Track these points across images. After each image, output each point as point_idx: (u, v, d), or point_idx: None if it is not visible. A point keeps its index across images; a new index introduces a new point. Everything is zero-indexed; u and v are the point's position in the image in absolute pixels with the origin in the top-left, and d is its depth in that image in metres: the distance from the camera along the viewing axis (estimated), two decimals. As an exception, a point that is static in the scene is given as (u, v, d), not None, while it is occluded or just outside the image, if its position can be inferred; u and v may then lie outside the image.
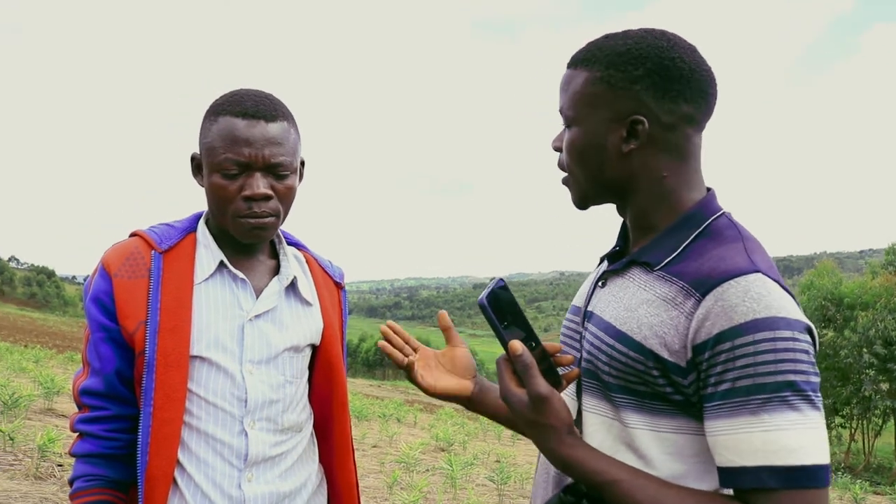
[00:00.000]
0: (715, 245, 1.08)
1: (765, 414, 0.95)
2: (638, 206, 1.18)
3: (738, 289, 0.99)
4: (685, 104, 1.11)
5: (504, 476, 8.42)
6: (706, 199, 1.16)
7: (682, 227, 1.13)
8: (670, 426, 1.07)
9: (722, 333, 0.98)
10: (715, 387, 0.99)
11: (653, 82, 1.10)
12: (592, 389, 1.17)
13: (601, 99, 1.13)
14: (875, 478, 25.91)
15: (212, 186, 1.40)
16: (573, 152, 1.18)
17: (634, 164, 1.14)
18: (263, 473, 1.45)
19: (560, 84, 1.21)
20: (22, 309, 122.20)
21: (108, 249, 1.45)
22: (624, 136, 1.12)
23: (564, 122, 1.20)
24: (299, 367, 1.54)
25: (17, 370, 15.12)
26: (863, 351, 29.27)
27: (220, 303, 1.44)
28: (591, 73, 1.13)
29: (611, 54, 1.12)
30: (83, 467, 1.40)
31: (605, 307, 1.18)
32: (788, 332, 0.96)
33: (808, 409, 0.95)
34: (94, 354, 1.41)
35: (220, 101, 1.43)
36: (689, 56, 1.11)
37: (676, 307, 1.04)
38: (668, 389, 1.05)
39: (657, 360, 1.04)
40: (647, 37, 1.12)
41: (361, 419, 17.00)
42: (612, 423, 1.13)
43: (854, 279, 35.85)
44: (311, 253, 1.68)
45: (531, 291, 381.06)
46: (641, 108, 1.11)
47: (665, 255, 1.12)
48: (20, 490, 5.11)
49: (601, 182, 1.18)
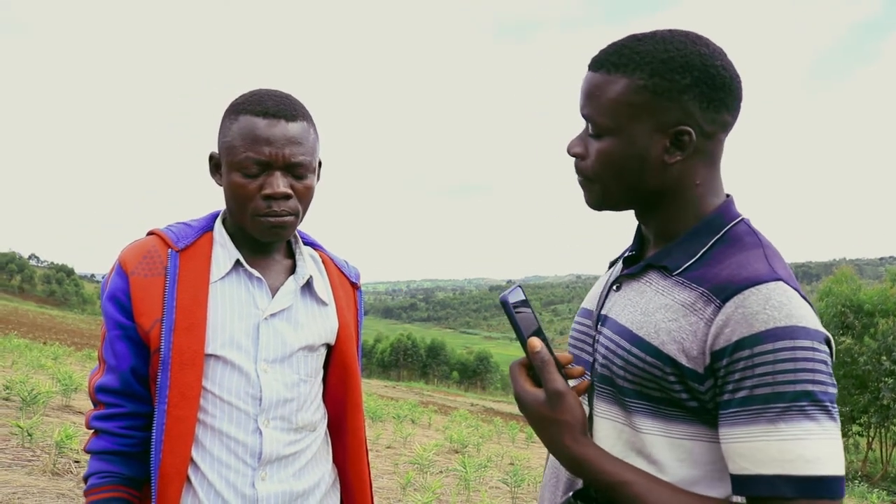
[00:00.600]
0: (735, 251, 1.08)
1: (782, 423, 0.94)
2: (665, 213, 1.16)
3: (760, 296, 0.98)
4: (726, 113, 1.10)
5: (518, 479, 8.40)
6: (725, 204, 1.15)
7: (701, 232, 1.12)
8: (684, 433, 1.07)
9: (742, 340, 0.97)
10: (732, 394, 0.98)
11: (700, 92, 1.06)
12: (605, 394, 1.16)
13: (645, 109, 1.07)
14: (893, 487, 25.62)
15: (231, 185, 1.40)
16: (608, 163, 1.12)
17: (673, 173, 1.11)
18: (277, 472, 1.45)
19: (586, 88, 1.14)
20: (41, 306, 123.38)
21: (126, 248, 1.46)
22: (667, 146, 1.09)
23: (595, 130, 1.13)
24: (314, 366, 1.54)
25: (36, 367, 15.26)
26: (882, 358, 28.98)
27: (235, 301, 1.45)
28: (631, 81, 1.07)
29: (654, 61, 1.06)
30: (98, 464, 1.41)
31: (620, 311, 1.17)
32: (808, 342, 0.96)
33: (826, 419, 0.94)
34: (110, 352, 1.42)
35: (241, 100, 1.43)
36: (727, 63, 1.09)
37: (696, 313, 1.04)
38: (684, 395, 1.04)
39: (675, 365, 1.03)
40: (686, 42, 1.08)
41: (376, 420, 17.03)
42: (623, 429, 1.13)
43: (874, 286, 35.47)
44: (327, 253, 1.68)
45: (547, 294, 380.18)
46: (687, 119, 1.07)
47: (684, 261, 1.11)
48: (38, 486, 5.16)
49: (637, 193, 1.14)
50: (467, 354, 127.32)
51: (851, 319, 31.32)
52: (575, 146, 1.18)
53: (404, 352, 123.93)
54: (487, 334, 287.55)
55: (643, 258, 1.23)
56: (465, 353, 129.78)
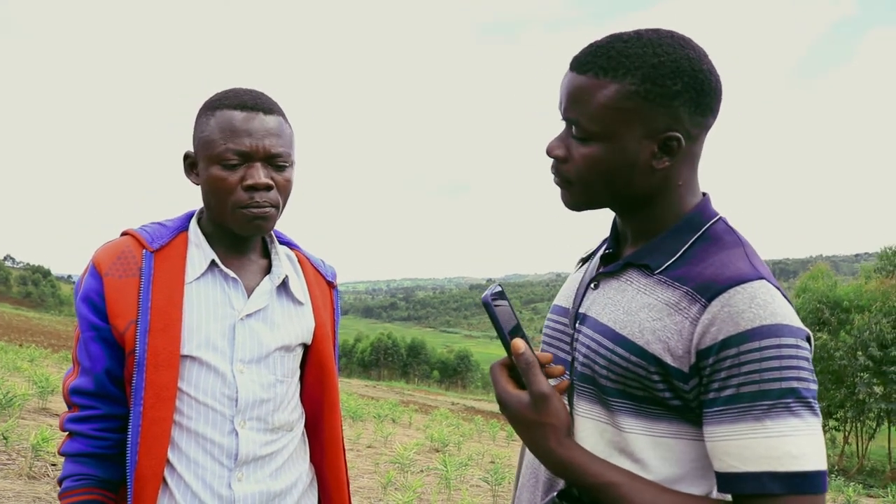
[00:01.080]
0: (716, 250, 1.09)
1: (768, 420, 0.95)
2: (646, 213, 1.15)
3: (745, 295, 0.99)
4: (711, 115, 1.10)
5: (498, 477, 8.42)
6: (703, 203, 1.16)
7: (681, 231, 1.13)
8: (667, 431, 1.07)
9: (728, 339, 0.98)
10: (718, 392, 0.99)
11: (689, 97, 1.06)
12: (587, 394, 1.16)
13: (636, 114, 1.06)
14: (869, 480, 25.96)
15: (211, 179, 1.40)
16: (596, 169, 1.10)
17: (659, 178, 1.11)
18: (254, 473, 1.44)
19: (571, 91, 1.10)
20: (17, 308, 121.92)
21: (99, 248, 1.45)
22: (655, 151, 1.08)
23: (581, 135, 1.10)
24: (290, 366, 1.54)
25: (12, 369, 15.09)
26: (858, 354, 29.32)
27: (211, 302, 1.44)
28: (622, 86, 1.05)
29: (644, 66, 1.04)
30: (73, 466, 1.40)
31: (601, 310, 1.16)
32: (792, 340, 0.97)
33: (810, 415, 0.96)
34: (85, 353, 1.40)
35: (216, 97, 1.44)
36: (712, 66, 1.09)
37: (680, 312, 1.04)
38: (668, 394, 1.05)
39: (660, 364, 1.04)
40: (674, 45, 1.06)
41: (356, 419, 16.99)
42: (605, 428, 1.12)
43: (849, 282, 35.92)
44: (302, 252, 1.68)
45: (527, 293, 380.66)
46: (676, 124, 1.07)
47: (665, 259, 1.12)
48: (13, 489, 5.10)
49: (622, 198, 1.13)
50: (448, 353, 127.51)
51: (827, 315, 31.69)
52: (556, 148, 1.15)
53: (385, 351, 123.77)
54: (468, 333, 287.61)
55: (621, 256, 1.23)
56: (445, 353, 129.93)
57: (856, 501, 12.08)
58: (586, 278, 1.27)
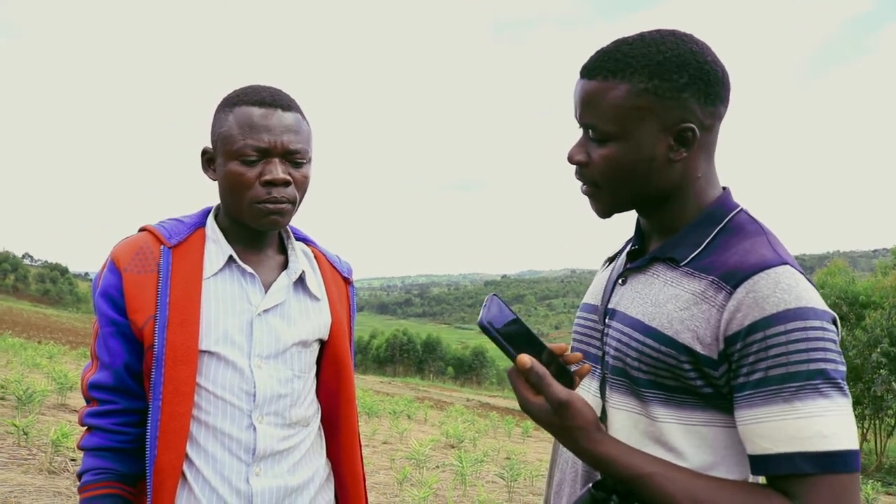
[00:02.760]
0: (739, 239, 1.11)
1: (797, 401, 0.97)
2: (669, 208, 1.18)
3: (769, 280, 1.01)
4: (721, 105, 1.13)
5: (514, 473, 8.43)
6: (723, 196, 1.19)
7: (703, 223, 1.16)
8: (699, 419, 1.09)
9: (754, 324, 1.00)
10: (747, 376, 1.01)
11: (697, 88, 1.09)
12: (619, 386, 1.18)
13: (649, 111, 1.09)
14: (887, 478, 25.73)
15: (229, 174, 1.41)
16: (616, 168, 1.13)
17: (678, 170, 1.14)
18: (271, 468, 1.45)
19: (583, 96, 1.14)
20: (35, 305, 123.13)
21: (118, 244, 1.46)
22: (671, 144, 1.11)
23: (599, 137, 1.13)
24: (307, 361, 1.54)
25: (31, 366, 15.24)
26: (873, 350, 29.08)
27: (228, 297, 1.45)
28: (632, 85, 1.09)
29: (650, 63, 1.08)
30: (92, 461, 1.41)
31: (629, 304, 1.19)
32: (818, 322, 0.99)
33: (838, 396, 0.98)
34: (104, 349, 1.42)
35: (235, 93, 1.44)
36: (715, 57, 1.13)
37: (707, 300, 1.06)
38: (699, 382, 1.07)
39: (690, 353, 1.06)
40: (676, 41, 1.10)
41: (372, 416, 17.04)
42: (639, 419, 1.14)
43: (867, 278, 35.60)
44: (319, 248, 1.69)
45: (542, 289, 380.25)
46: (689, 116, 1.10)
47: (690, 251, 1.14)
48: (34, 484, 5.16)
49: (645, 193, 1.16)
50: (463, 350, 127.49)
51: (845, 311, 31.43)
52: (576, 154, 1.18)
53: (400, 347, 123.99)
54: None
55: (646, 252, 1.25)
56: (460, 349, 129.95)
57: (874, 499, 11.98)
58: (614, 275, 1.30)
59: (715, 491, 1.00)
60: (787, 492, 0.98)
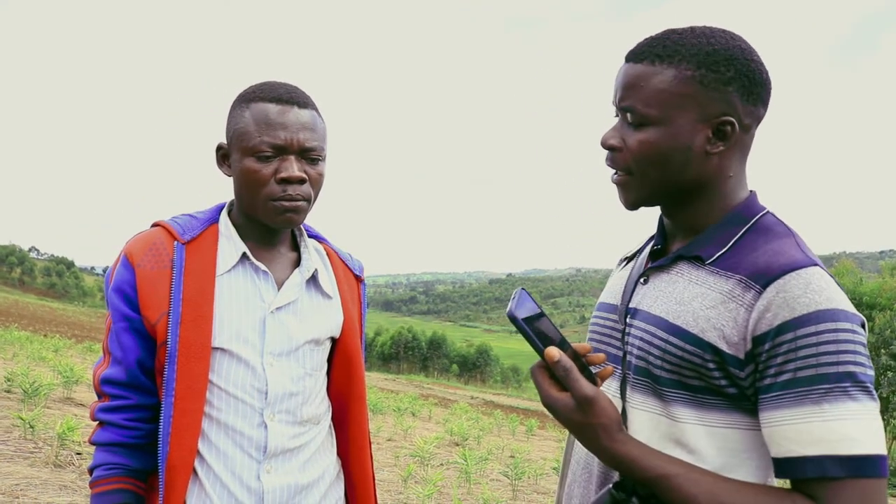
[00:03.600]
0: (767, 240, 1.10)
1: (827, 404, 0.96)
2: (696, 205, 1.17)
3: (800, 281, 1.00)
4: (762, 107, 1.13)
5: (518, 471, 8.43)
6: (751, 198, 1.18)
7: (730, 223, 1.15)
8: (722, 421, 1.08)
9: (784, 324, 0.99)
10: (774, 377, 1.00)
11: (741, 85, 1.09)
12: (641, 386, 1.17)
13: (692, 99, 1.09)
14: (892, 480, 25.69)
15: (244, 171, 1.41)
16: (652, 153, 1.12)
17: (712, 164, 1.13)
18: (282, 465, 1.45)
19: (627, 79, 1.14)
20: (41, 299, 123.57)
21: (131, 240, 1.46)
22: (710, 136, 1.11)
23: (637, 120, 1.12)
24: (319, 359, 1.54)
25: (37, 359, 15.29)
26: (880, 352, 29.00)
27: (241, 294, 1.45)
28: (679, 71, 1.09)
29: (699, 53, 1.08)
30: (103, 456, 1.41)
31: (653, 303, 1.18)
32: (848, 325, 0.98)
33: (867, 399, 0.97)
34: (116, 344, 1.42)
35: (251, 89, 1.44)
36: (761, 60, 1.13)
37: (734, 299, 1.05)
38: (724, 382, 1.06)
39: (715, 352, 1.05)
40: (726, 37, 1.11)
41: (376, 413, 17.05)
42: (660, 420, 1.13)
43: (874, 279, 35.49)
44: (331, 246, 1.69)
45: (547, 288, 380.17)
46: (730, 110, 1.10)
47: (716, 250, 1.13)
48: (40, 477, 5.17)
49: (677, 184, 1.14)
50: (467, 347, 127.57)
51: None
52: (611, 138, 1.17)
53: (405, 345, 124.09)
54: (487, 327, 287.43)
55: (669, 251, 1.24)
56: (465, 346, 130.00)
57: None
58: (634, 274, 1.28)
59: (738, 494, 0.99)
60: (812, 495, 0.96)
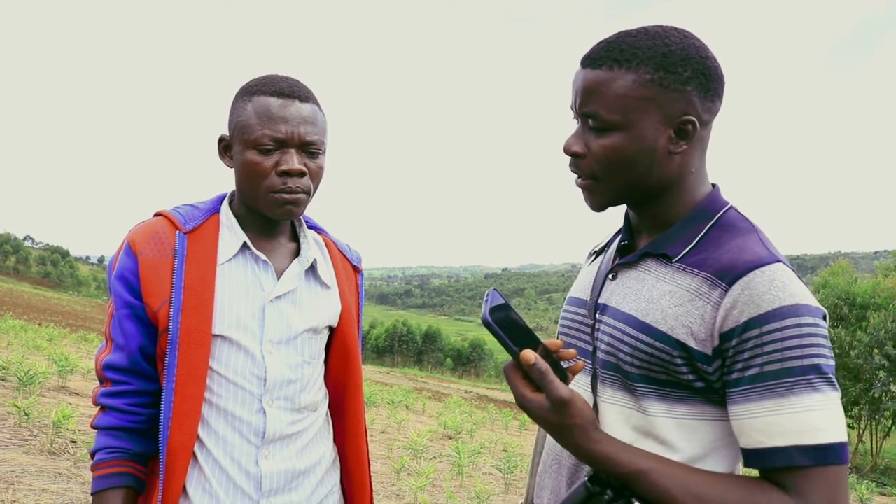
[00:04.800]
0: (731, 236, 1.13)
1: (793, 396, 0.99)
2: (661, 203, 1.19)
3: (764, 278, 1.03)
4: (718, 101, 1.15)
5: (511, 465, 8.46)
6: (713, 193, 1.20)
7: (695, 219, 1.17)
8: (690, 413, 1.11)
9: (750, 321, 1.02)
10: (742, 372, 1.03)
11: (699, 83, 1.11)
12: (611, 381, 1.19)
13: (653, 101, 1.10)
14: (882, 479, 25.78)
15: (246, 163, 1.43)
16: (617, 158, 1.13)
17: (676, 163, 1.15)
18: (280, 451, 1.48)
19: (586, 85, 1.14)
20: (36, 288, 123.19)
21: (134, 228, 1.48)
22: (672, 136, 1.12)
23: (600, 125, 1.13)
24: (317, 348, 1.57)
25: (32, 348, 15.26)
26: (874, 352, 29.07)
27: (242, 283, 1.48)
28: (638, 75, 1.10)
29: (656, 55, 1.10)
30: (105, 440, 1.44)
31: (621, 300, 1.19)
32: (811, 319, 1.02)
33: (830, 390, 1.00)
34: (119, 331, 1.44)
35: (253, 82, 1.47)
36: (714, 55, 1.15)
37: (701, 297, 1.08)
38: (691, 377, 1.09)
39: (683, 349, 1.08)
40: (679, 37, 1.12)
41: (370, 405, 17.08)
42: (631, 413, 1.16)
43: (868, 279, 35.57)
44: (330, 237, 1.71)
45: (542, 283, 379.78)
46: (690, 109, 1.12)
47: (682, 248, 1.15)
48: (35, 465, 5.19)
49: (643, 185, 1.16)
50: (462, 342, 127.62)
51: (846, 312, 31.42)
52: (573, 144, 1.17)
53: (399, 338, 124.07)
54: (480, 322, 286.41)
55: (636, 247, 1.26)
56: (459, 341, 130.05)
57: (869, 499, 12.03)
58: (603, 270, 1.30)
59: (711, 485, 1.02)
60: (781, 484, 1.00)
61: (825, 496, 0.97)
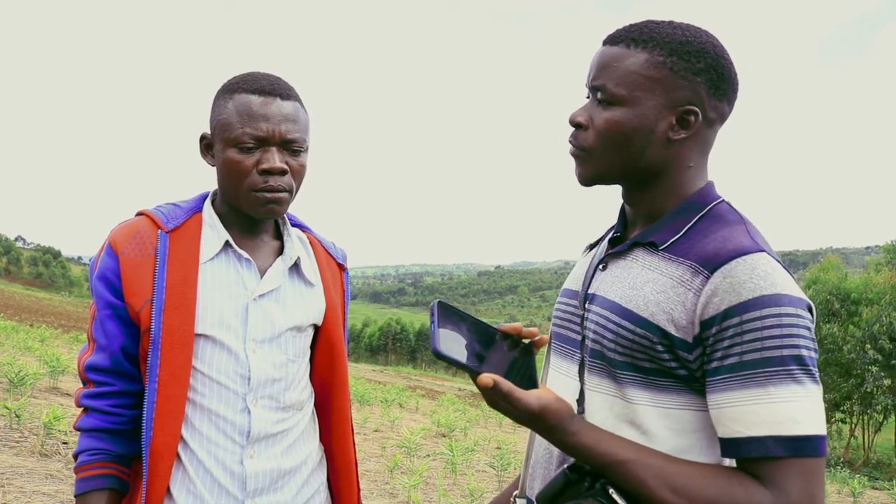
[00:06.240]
0: (719, 227, 1.13)
1: (771, 386, 0.99)
2: (655, 193, 1.20)
3: (746, 266, 1.03)
4: (727, 104, 1.17)
5: (504, 462, 8.46)
6: (707, 187, 1.21)
7: (685, 210, 1.18)
8: (673, 402, 1.11)
9: (730, 309, 1.02)
10: (721, 361, 1.03)
11: (710, 78, 1.13)
12: (597, 368, 1.19)
13: (660, 83, 1.13)
14: (874, 473, 25.92)
15: (227, 161, 1.42)
16: (614, 132, 1.15)
17: (672, 152, 1.16)
18: (265, 450, 1.47)
19: (601, 60, 1.18)
20: (28, 288, 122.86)
21: (115, 228, 1.47)
22: (673, 123, 1.14)
23: (606, 98, 1.16)
24: (301, 346, 1.56)
25: (23, 349, 15.20)
26: (867, 347, 29.21)
27: (224, 282, 1.47)
28: (651, 56, 1.13)
29: (672, 42, 1.13)
30: (88, 441, 1.43)
31: (608, 288, 1.20)
32: (792, 309, 1.02)
33: (810, 382, 1.00)
34: (101, 331, 1.43)
35: (235, 80, 1.46)
36: (732, 60, 1.16)
37: (684, 284, 1.08)
38: (673, 364, 1.09)
39: (664, 335, 1.08)
40: (700, 33, 1.15)
41: (364, 404, 17.08)
42: (614, 401, 1.16)
43: (859, 275, 35.75)
44: (314, 234, 1.70)
45: (535, 280, 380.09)
46: (696, 100, 1.13)
47: (669, 236, 1.16)
48: (26, 466, 5.17)
49: (634, 167, 1.18)
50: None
51: (837, 307, 31.58)
52: (579, 115, 1.21)
53: (393, 336, 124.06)
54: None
55: (628, 238, 1.27)
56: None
57: (860, 493, 12.08)
58: (594, 261, 1.31)
59: (688, 477, 1.02)
60: (757, 474, 1.00)
61: (801, 487, 0.97)
